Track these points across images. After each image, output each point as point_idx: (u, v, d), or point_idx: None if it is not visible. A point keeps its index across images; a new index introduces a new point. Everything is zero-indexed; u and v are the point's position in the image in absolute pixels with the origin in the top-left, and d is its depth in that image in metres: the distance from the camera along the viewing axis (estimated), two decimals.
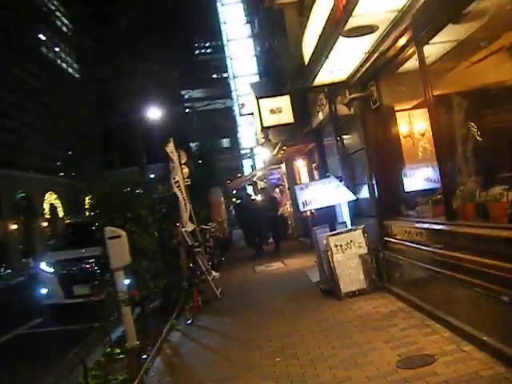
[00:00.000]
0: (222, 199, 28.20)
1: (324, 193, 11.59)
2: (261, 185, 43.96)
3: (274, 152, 18.82)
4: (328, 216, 12.47)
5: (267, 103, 16.32)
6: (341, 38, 7.59)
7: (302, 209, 11.94)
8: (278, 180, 29.12)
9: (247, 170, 59.09)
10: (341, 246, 10.92)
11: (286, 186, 26.97)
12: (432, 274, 7.80)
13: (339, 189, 11.59)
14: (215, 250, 19.86)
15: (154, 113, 37.42)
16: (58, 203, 71.47)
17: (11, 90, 65.86)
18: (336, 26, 7.28)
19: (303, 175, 19.15)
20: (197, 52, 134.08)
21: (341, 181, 11.99)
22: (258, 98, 16.39)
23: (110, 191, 10.76)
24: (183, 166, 20.30)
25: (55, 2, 77.85)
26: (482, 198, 7.03)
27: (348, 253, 10.84)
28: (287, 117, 16.22)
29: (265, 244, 24.59)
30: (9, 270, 44.25)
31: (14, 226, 59.48)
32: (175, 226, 14.59)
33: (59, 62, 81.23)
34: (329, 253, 10.96)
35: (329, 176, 12.16)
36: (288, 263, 17.89)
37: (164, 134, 29.03)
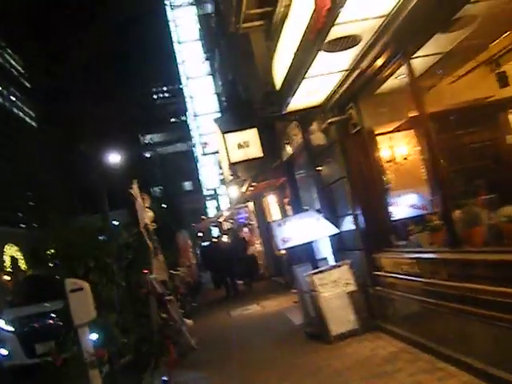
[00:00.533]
0: (189, 242, 27.16)
1: (304, 228, 10.74)
2: (227, 225, 43.06)
3: (243, 189, 18.00)
4: (306, 253, 11.63)
5: (234, 138, 15.51)
6: (320, 53, 6.85)
7: (280, 246, 11.01)
8: (245, 219, 28.29)
9: (212, 212, 58.25)
10: (327, 284, 10.01)
11: (255, 225, 26.09)
12: (435, 308, 6.95)
13: (320, 222, 10.74)
14: (186, 296, 18.78)
15: (114, 157, 36.45)
16: (19, 255, 69.16)
17: None
18: (316, 39, 6.54)
19: (275, 212, 18.33)
20: (155, 97, 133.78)
21: (320, 214, 11.16)
22: (223, 133, 15.58)
23: (69, 239, 9.72)
24: (147, 209, 19.83)
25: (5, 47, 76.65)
26: (492, 220, 6.25)
27: (335, 291, 9.92)
28: (256, 151, 15.42)
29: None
30: None
31: None
32: (143, 273, 13.64)
33: (15, 110, 79.87)
34: (314, 293, 10.06)
35: (307, 210, 11.30)
36: (265, 305, 16.88)
37: (125, 179, 27.95)
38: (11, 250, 68.00)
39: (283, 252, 17.69)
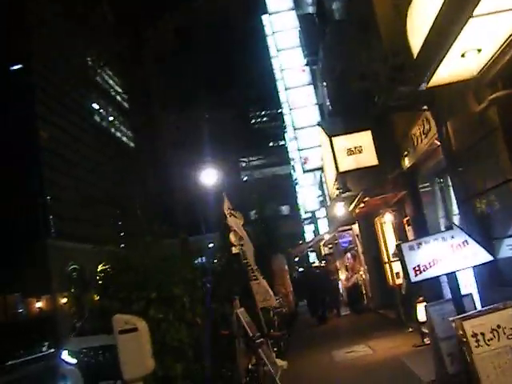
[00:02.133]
0: (286, 267, 24.29)
1: (446, 253, 7.64)
2: (325, 250, 39.90)
3: (351, 207, 15.01)
4: (435, 284, 8.55)
5: (343, 142, 12.69)
6: None
7: (413, 278, 7.89)
8: (349, 243, 25.10)
9: (309, 236, 55.29)
10: (483, 334, 6.85)
11: (360, 250, 22.91)
12: None
13: (469, 246, 7.61)
14: (281, 330, 15.89)
15: (211, 180, 34.41)
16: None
17: (66, 161, 64.82)
18: None
19: (389, 234, 15.24)
20: (253, 121, 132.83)
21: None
22: (330, 137, 12.77)
23: (126, 261, 7.05)
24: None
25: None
26: None
27: (496, 345, 6.74)
28: (369, 158, 12.53)
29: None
30: (52, 350, 39.93)
31: (64, 300, 56.82)
32: (231, 303, 11.12)
33: (114, 131, 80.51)
34: (462, 344, 6.91)
35: (450, 228, 8.13)
36: (376, 347, 13.71)
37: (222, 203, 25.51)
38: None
39: (401, 282, 14.57)
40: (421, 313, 13.79)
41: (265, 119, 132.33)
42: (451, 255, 7.67)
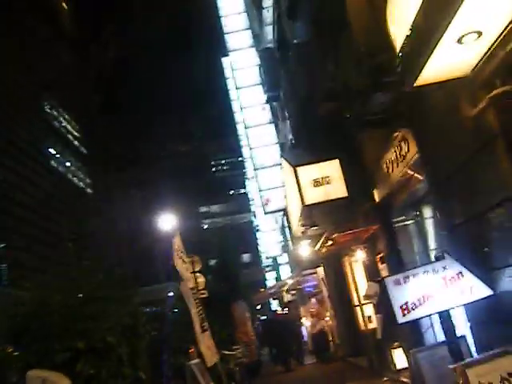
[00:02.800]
0: (248, 315, 22.74)
1: (439, 287, 6.42)
2: (287, 297, 38.44)
3: (317, 246, 13.71)
4: (413, 328, 7.31)
5: (309, 172, 11.49)
6: None
7: (400, 319, 6.54)
8: (314, 287, 23.66)
9: (271, 283, 53.76)
10: None
11: (326, 294, 21.55)
12: None
13: (464, 279, 6.39)
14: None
15: (169, 226, 32.88)
16: None
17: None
18: None
19: (359, 274, 13.91)
20: (214, 169, 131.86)
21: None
22: (295, 167, 11.54)
23: (43, 301, 5.54)
24: (198, 274, 15.46)
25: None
26: None
27: None
28: (338, 189, 11.35)
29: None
30: None
31: None
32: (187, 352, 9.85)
33: (70, 175, 78.72)
34: None
35: (441, 257, 6.85)
36: None
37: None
38: None
39: (374, 326, 13.25)
40: (398, 359, 12.51)
41: (226, 167, 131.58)
42: (444, 290, 6.44)
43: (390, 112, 7.44)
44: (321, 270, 21.47)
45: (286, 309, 38.21)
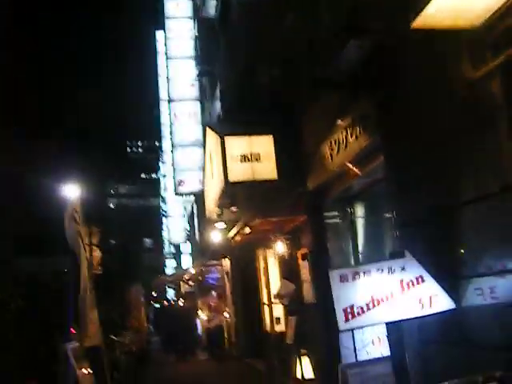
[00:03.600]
0: (143, 300, 20.94)
1: (394, 291, 5.01)
2: (185, 288, 36.81)
3: (231, 232, 12.17)
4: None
5: (237, 145, 9.94)
6: None
7: (342, 325, 5.06)
8: (216, 281, 22.11)
9: (170, 272, 51.83)
10: None
11: (228, 289, 20.09)
12: None
13: (425, 285, 5.02)
14: (127, 374, 12.65)
15: (71, 196, 30.46)
16: None
17: None
18: None
19: (273, 271, 12.46)
20: (129, 150, 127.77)
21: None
22: (222, 137, 9.93)
23: None
24: (95, 247, 14.08)
25: None
26: None
27: None
28: (267, 169, 9.87)
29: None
30: None
31: None
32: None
33: None
34: None
35: (399, 255, 5.45)
36: None
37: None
38: None
39: (282, 328, 11.90)
40: (305, 369, 11.22)
41: (141, 150, 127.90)
42: (399, 296, 5.04)
43: (355, 75, 6.00)
44: (227, 263, 20.00)
45: (183, 300, 36.66)
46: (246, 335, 17.87)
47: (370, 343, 8.33)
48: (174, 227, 39.65)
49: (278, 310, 12.05)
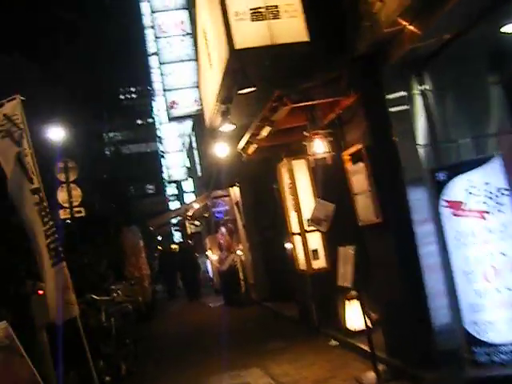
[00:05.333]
0: (141, 243, 17.63)
1: None
2: (191, 229, 33.64)
3: (244, 140, 8.56)
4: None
5: None
6: None
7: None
8: (224, 214, 18.64)
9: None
10: None
11: (240, 222, 16.79)
12: None
13: None
14: (122, 342, 9.36)
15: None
16: None
17: None
18: None
19: (305, 187, 8.75)
20: (122, 97, 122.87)
21: None
22: None
23: None
24: (73, 185, 13.28)
25: None
26: None
27: None
28: (292, 29, 6.37)
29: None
30: None
31: None
32: None
33: None
34: None
35: None
36: (282, 377, 7.59)
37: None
38: None
39: (322, 264, 8.56)
40: (352, 317, 8.03)
41: (134, 96, 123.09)
42: None
43: None
44: (235, 192, 16.62)
45: (190, 241, 33.64)
46: (268, 275, 14.71)
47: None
48: (173, 164, 36.51)
49: (315, 240, 8.69)
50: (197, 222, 31.43)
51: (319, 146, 7.02)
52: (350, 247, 6.46)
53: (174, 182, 40.41)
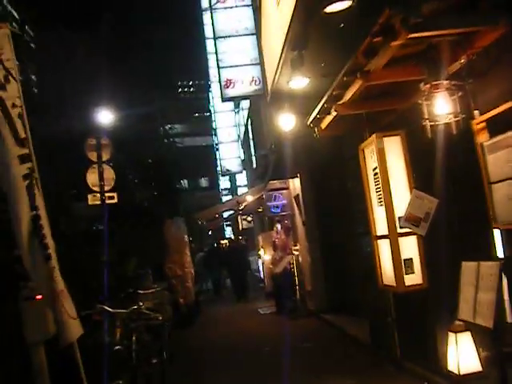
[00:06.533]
0: (186, 238, 15.42)
1: None
2: (243, 224, 31.53)
3: (322, 103, 6.18)
4: None
5: None
6: None
7: None
8: (281, 209, 16.18)
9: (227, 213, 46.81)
10: None
11: (299, 219, 14.45)
12: None
13: None
14: (148, 363, 7.11)
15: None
16: None
17: None
18: None
19: (396, 179, 6.16)
20: (180, 90, 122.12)
21: None
22: None
23: None
24: (106, 165, 10.82)
25: None
26: None
27: None
28: None
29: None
30: None
31: None
32: None
33: None
34: None
35: None
36: None
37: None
38: None
39: (418, 280, 6.09)
40: (460, 356, 5.54)
41: (192, 90, 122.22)
42: None
43: None
44: (295, 185, 14.27)
45: (241, 238, 31.50)
46: (329, 283, 12.35)
47: None
48: (227, 155, 34.41)
49: (410, 247, 6.23)
50: (249, 218, 29.23)
51: (442, 106, 4.58)
52: (491, 264, 4.03)
53: (227, 174, 38.20)
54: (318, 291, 12.98)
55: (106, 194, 11.08)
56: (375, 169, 6.55)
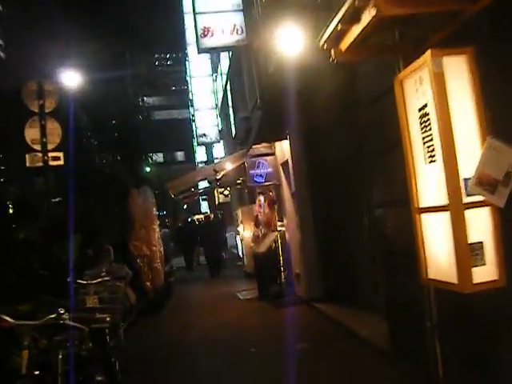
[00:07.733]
0: (155, 211, 13.07)
1: None
2: (219, 198, 29.11)
3: (333, 24, 4.02)
4: None
5: None
6: None
7: None
8: (265, 178, 13.68)
9: (203, 185, 44.32)
10: None
11: (287, 189, 12.22)
12: None
13: None
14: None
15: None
16: None
17: None
18: None
19: (460, 122, 4.03)
20: (156, 63, 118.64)
21: None
22: None
23: None
24: (48, 117, 8.61)
25: None
26: None
27: None
28: None
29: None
30: None
31: None
32: None
33: None
34: None
35: None
36: None
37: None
38: None
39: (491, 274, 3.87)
40: None
41: (168, 62, 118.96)
42: None
43: None
44: (284, 148, 11.99)
45: (219, 213, 29.43)
46: (325, 266, 10.21)
47: None
48: (204, 122, 32.18)
49: (481, 224, 3.91)
50: (226, 192, 26.88)
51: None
52: None
53: (204, 143, 35.72)
54: (310, 275, 10.77)
55: (50, 154, 8.71)
56: (423, 107, 4.24)
